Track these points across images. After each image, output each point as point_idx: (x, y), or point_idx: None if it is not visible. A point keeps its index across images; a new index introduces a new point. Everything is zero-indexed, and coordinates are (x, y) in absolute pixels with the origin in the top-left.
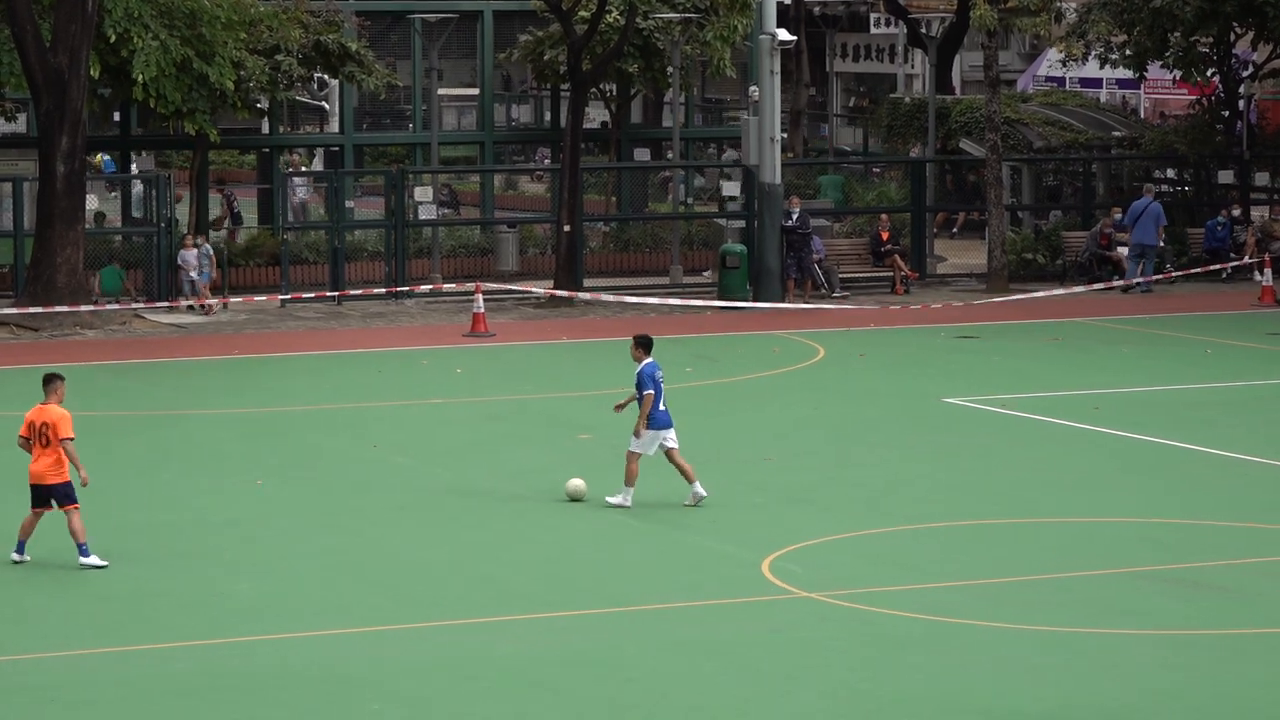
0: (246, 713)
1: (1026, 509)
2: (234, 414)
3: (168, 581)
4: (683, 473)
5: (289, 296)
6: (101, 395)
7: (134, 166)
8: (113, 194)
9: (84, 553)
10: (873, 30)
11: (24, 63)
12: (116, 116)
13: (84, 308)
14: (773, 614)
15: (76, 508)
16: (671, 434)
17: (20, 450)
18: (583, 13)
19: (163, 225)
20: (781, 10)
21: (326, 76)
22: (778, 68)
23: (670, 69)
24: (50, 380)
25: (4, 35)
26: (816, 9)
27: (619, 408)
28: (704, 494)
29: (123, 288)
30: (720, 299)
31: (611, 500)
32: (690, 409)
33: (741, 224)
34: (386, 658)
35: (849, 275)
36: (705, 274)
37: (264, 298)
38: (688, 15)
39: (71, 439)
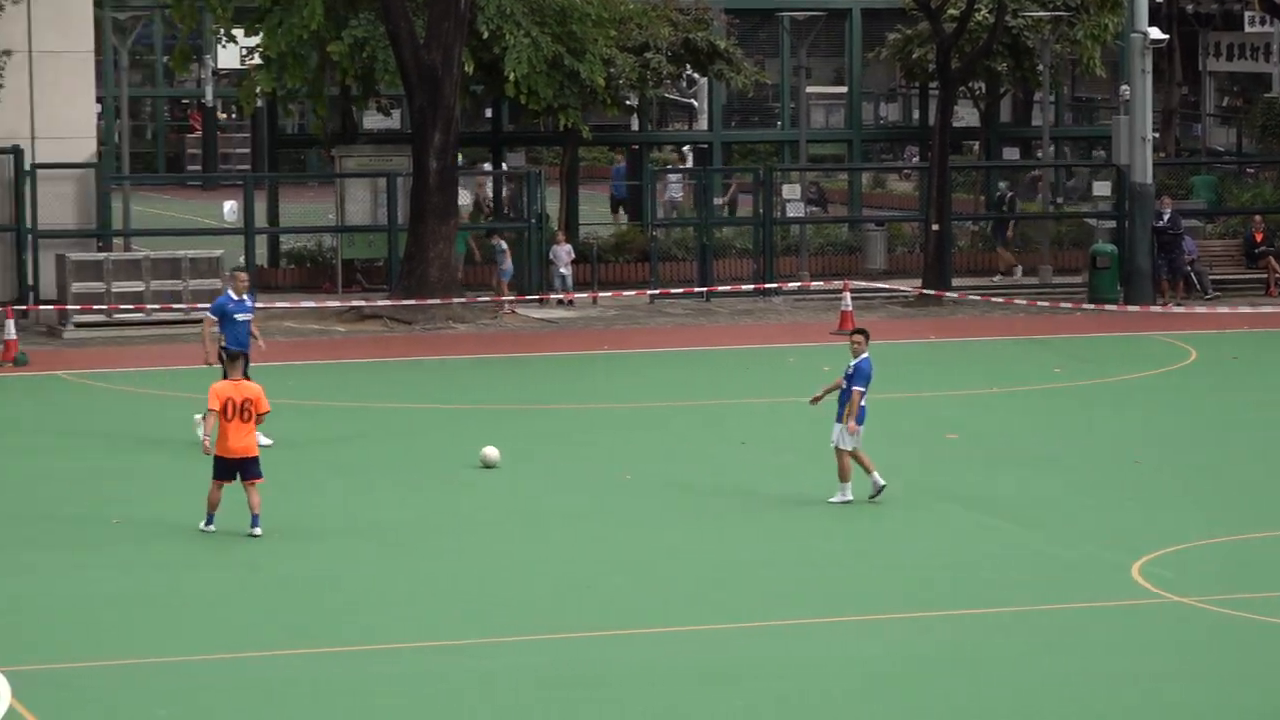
0: (593, 711)
1: None
2: (600, 409)
3: (530, 573)
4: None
5: (657, 292)
6: (470, 388)
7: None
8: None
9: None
10: (1247, 29)
11: (398, 59)
12: (488, 113)
13: (456, 301)
14: (1142, 618)
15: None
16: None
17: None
18: (951, 10)
19: (533, 221)
20: (1153, 9)
21: (695, 74)
22: (1149, 67)
23: (1040, 67)
24: (237, 358)
25: (379, 32)
26: (1189, 7)
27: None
28: (883, 483)
29: (469, 251)
30: (1090, 300)
31: (833, 500)
32: (1059, 410)
33: (1112, 224)
34: (752, 655)
35: (1221, 277)
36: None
37: (633, 293)
38: (1058, 13)
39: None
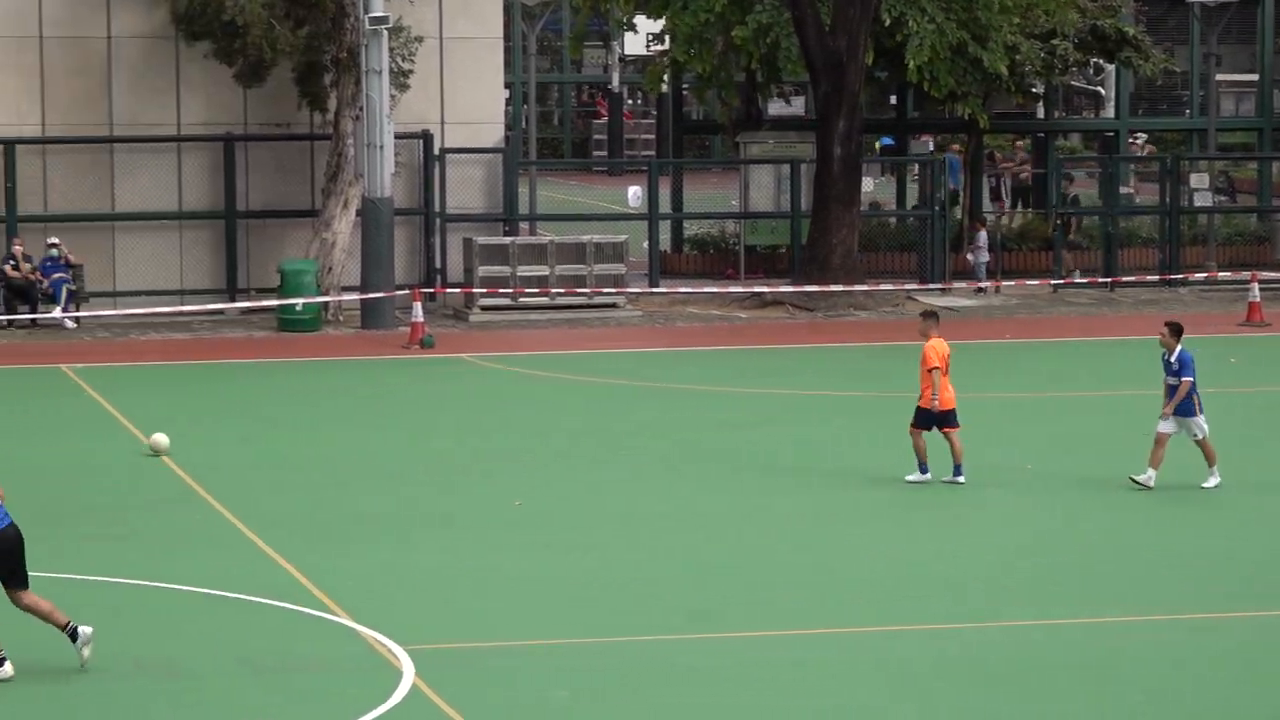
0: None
1: None
2: (1002, 398)
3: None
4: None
5: (1062, 281)
6: (867, 377)
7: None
8: (881, 178)
9: (958, 472)
10: None
11: (803, 45)
12: (892, 99)
13: (858, 288)
14: None
15: (958, 429)
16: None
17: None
18: None
19: (938, 209)
20: None
21: (1102, 61)
22: None
23: None
24: (929, 316)
25: (783, 18)
26: None
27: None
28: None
29: None
30: None
31: (1138, 479)
32: None
33: None
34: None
35: None
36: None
37: (1036, 282)
38: None
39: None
